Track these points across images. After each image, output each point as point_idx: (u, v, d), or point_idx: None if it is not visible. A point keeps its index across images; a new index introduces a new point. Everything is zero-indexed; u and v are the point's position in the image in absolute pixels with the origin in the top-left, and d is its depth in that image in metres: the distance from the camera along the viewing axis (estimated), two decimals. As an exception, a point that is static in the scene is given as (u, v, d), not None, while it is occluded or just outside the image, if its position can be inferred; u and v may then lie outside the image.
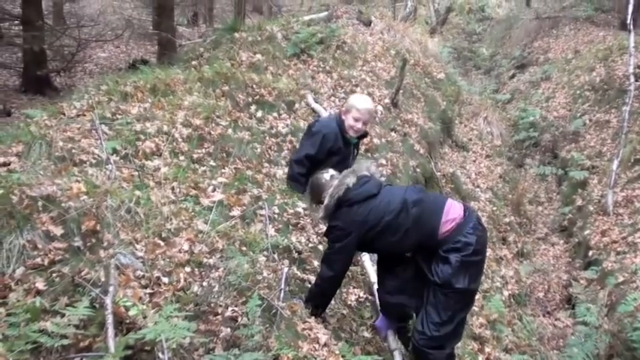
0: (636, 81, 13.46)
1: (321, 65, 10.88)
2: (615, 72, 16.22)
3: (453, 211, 4.36)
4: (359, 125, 5.57)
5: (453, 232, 4.27)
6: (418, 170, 10.04)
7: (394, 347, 4.75)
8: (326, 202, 4.50)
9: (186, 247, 4.35)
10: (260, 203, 5.74)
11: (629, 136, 12.55)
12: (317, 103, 9.08)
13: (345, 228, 4.43)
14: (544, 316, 9.56)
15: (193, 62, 10.08)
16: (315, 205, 4.81)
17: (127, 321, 3.38)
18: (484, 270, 4.78)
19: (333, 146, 5.59)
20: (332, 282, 4.66)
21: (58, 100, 8.14)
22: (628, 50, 13.81)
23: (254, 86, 8.35)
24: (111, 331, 3.17)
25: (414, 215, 4.35)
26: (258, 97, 8.20)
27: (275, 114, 8.15)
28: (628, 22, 13.41)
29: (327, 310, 4.96)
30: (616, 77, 15.93)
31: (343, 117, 5.64)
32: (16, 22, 15.79)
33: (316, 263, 5.49)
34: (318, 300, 4.74)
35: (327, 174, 4.74)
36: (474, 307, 7.62)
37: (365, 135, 6.03)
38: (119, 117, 6.33)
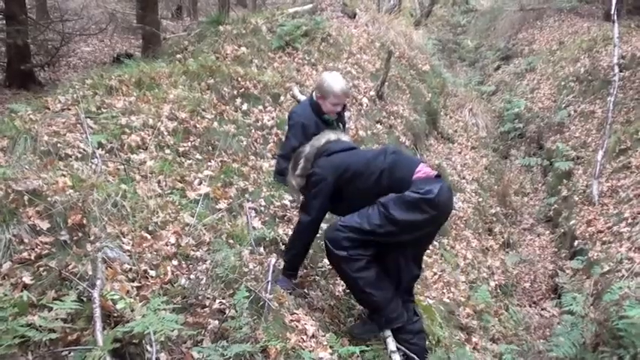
0: (620, 72, 13.52)
1: (306, 58, 10.87)
2: (600, 63, 16.30)
3: (426, 169, 4.42)
4: (339, 108, 5.55)
5: (422, 180, 4.32)
6: (404, 162, 10.03)
7: (388, 334, 4.76)
8: (307, 151, 4.68)
9: (172, 240, 4.35)
10: (246, 196, 5.75)
11: (613, 126, 12.61)
12: (303, 95, 9.08)
13: (321, 173, 4.56)
14: (530, 306, 9.61)
15: (178, 55, 10.06)
16: (295, 175, 4.81)
17: (115, 314, 3.38)
18: (433, 239, 4.81)
19: (315, 131, 5.54)
20: (309, 227, 4.72)
21: (42, 94, 8.09)
22: (612, 41, 13.85)
23: (239, 79, 8.34)
24: (99, 325, 3.17)
25: (390, 160, 4.45)
26: (243, 90, 8.19)
27: (260, 107, 8.15)
28: (612, 12, 13.44)
29: (314, 301, 4.96)
30: (600, 68, 16.02)
31: (319, 102, 5.55)
32: (0, 16, 15.66)
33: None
34: (295, 249, 4.84)
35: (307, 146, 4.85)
36: (461, 298, 7.66)
37: (344, 108, 5.99)
38: (104, 111, 6.32)
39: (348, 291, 5.28)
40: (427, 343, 5.34)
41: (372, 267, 4.49)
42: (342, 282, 5.52)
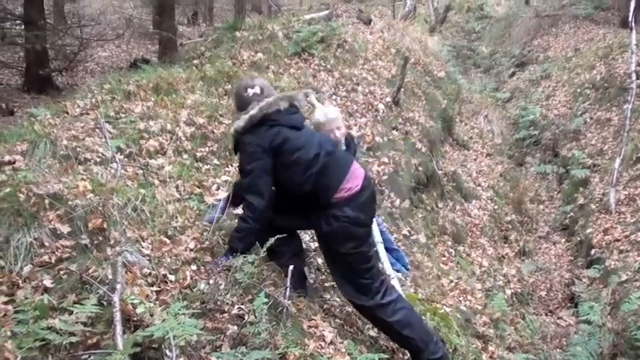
0: (638, 79, 13.43)
1: (322, 64, 10.86)
2: (616, 70, 16.22)
3: (355, 176, 4.36)
4: (342, 130, 5.46)
5: (343, 202, 4.28)
6: (420, 169, 10.02)
7: None
8: (253, 112, 4.32)
9: (192, 245, 4.36)
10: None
11: (630, 134, 12.53)
12: (319, 102, 9.06)
13: (260, 144, 4.27)
14: (547, 314, 9.58)
15: (195, 61, 10.06)
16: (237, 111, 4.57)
17: (135, 318, 3.39)
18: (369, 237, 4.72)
19: None
20: (265, 212, 4.32)
21: (60, 99, 8.14)
22: (629, 48, 13.78)
23: (256, 85, 8.34)
24: (119, 329, 3.17)
25: (322, 163, 4.31)
26: (260, 95, 8.18)
27: (278, 112, 8.14)
28: (630, 19, 13.36)
29: (332, 308, 4.95)
30: (617, 75, 15.93)
31: None
32: (18, 21, 15.81)
33: (320, 261, 5.49)
34: (246, 242, 4.35)
35: (257, 88, 4.54)
36: (477, 306, 7.63)
37: (350, 136, 5.89)
38: (123, 116, 6.35)
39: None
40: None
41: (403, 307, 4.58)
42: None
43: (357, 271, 4.41)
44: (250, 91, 4.50)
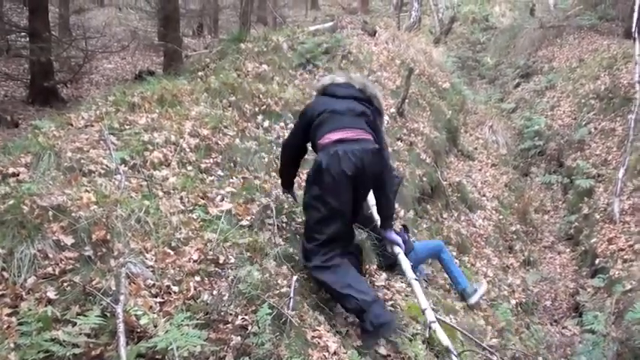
0: (642, 89, 13.42)
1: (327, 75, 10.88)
2: (620, 80, 16.17)
3: (344, 132, 4.64)
4: None
5: (322, 148, 4.70)
6: (425, 179, 10.03)
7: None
8: (314, 84, 4.99)
9: (195, 256, 4.37)
10: (268, 212, 5.75)
11: (634, 144, 12.51)
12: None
13: (305, 109, 5.14)
14: (551, 324, 9.56)
15: (199, 73, 10.08)
16: None
17: (138, 330, 3.40)
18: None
19: None
20: (283, 148, 5.58)
21: (65, 111, 8.15)
22: (633, 59, 13.77)
23: (260, 96, 8.36)
24: (122, 340, 3.19)
25: (323, 117, 4.82)
26: (264, 107, 8.20)
27: (282, 124, 8.16)
28: (633, 30, 13.37)
29: (336, 318, 4.94)
30: (621, 85, 15.89)
31: None
32: (23, 33, 15.88)
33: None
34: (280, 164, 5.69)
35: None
36: (481, 313, 7.61)
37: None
38: (127, 127, 6.35)
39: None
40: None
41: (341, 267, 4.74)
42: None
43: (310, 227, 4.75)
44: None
